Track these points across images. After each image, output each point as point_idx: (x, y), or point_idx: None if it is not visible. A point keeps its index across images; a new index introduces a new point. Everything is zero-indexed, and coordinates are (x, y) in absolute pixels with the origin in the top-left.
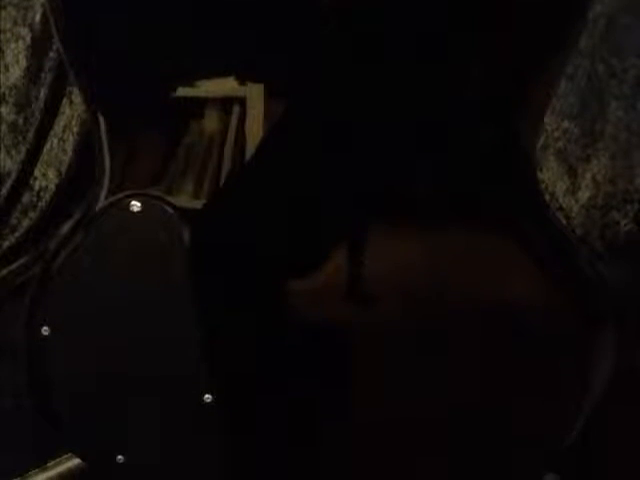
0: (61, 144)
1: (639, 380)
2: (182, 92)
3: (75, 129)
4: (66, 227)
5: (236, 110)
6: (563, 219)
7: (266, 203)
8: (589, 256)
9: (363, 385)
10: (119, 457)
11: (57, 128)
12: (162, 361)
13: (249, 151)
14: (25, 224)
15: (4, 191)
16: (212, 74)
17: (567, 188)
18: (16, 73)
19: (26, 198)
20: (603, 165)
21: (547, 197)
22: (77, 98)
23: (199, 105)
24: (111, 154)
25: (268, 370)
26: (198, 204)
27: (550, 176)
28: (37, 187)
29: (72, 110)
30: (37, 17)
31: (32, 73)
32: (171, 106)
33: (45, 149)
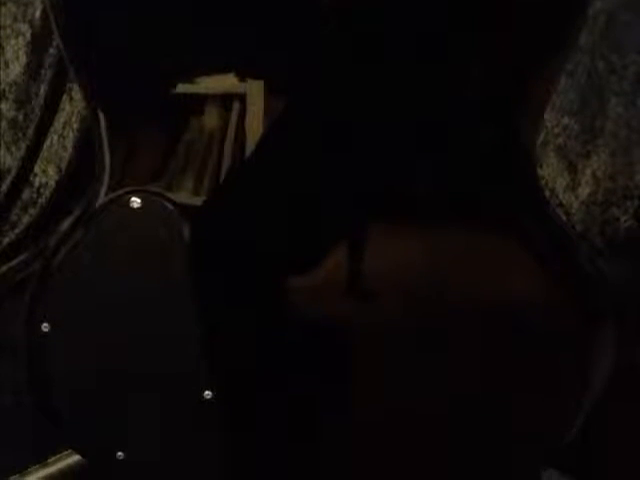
0: (61, 140)
1: (639, 377)
2: (182, 88)
3: (75, 125)
4: (66, 224)
5: (236, 107)
6: (563, 215)
7: (266, 200)
8: (589, 252)
9: (363, 382)
10: (119, 454)
11: (57, 125)
12: (162, 358)
13: (249, 148)
14: (25, 221)
15: (4, 187)
16: (212, 70)
17: (567, 184)
18: (16, 69)
19: (26, 195)
20: (603, 161)
21: (547, 193)
22: (77, 95)
23: (199, 101)
24: (111, 151)
25: (268, 367)
26: (198, 201)
27: (550, 172)
28: (37, 184)
29: (72, 107)
30: (37, 13)
31: (32, 69)
32: (171, 102)
33: (45, 145)
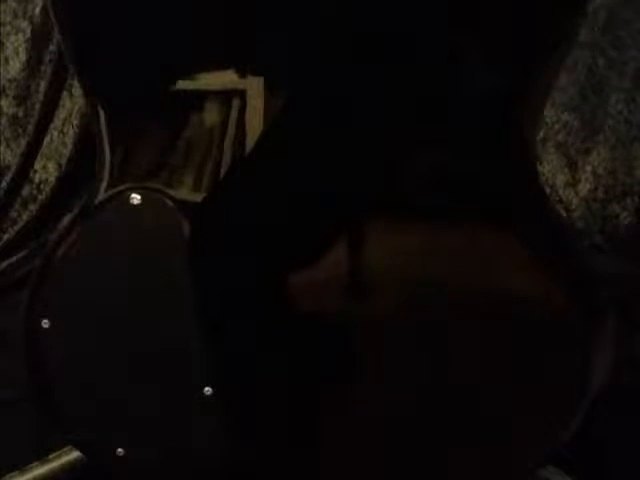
0: (61, 137)
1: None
2: (182, 85)
3: (75, 122)
4: (66, 220)
5: (236, 103)
6: (563, 212)
7: (266, 196)
8: (589, 248)
9: (362, 377)
10: (119, 450)
11: (57, 121)
12: (162, 354)
13: (249, 144)
14: (25, 217)
15: (4, 184)
16: (212, 67)
17: (567, 181)
18: (16, 66)
19: (26, 191)
20: (603, 158)
21: (547, 190)
22: (77, 91)
23: (199, 98)
24: (111, 147)
25: (268, 362)
26: (198, 197)
27: (550, 169)
28: (37, 180)
29: (72, 103)
30: (37, 10)
31: (32, 66)
32: (171, 99)
33: (45, 142)
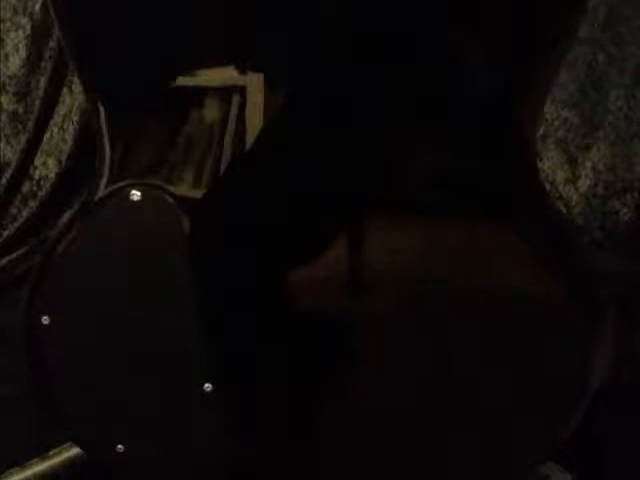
0: (61, 133)
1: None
2: (182, 81)
3: (75, 118)
4: (66, 216)
5: (236, 99)
6: (563, 208)
7: (266, 192)
8: (589, 245)
9: (362, 374)
10: (119, 446)
11: (57, 117)
12: (162, 350)
13: (249, 140)
14: (25, 213)
15: (4, 180)
16: (212, 63)
17: (567, 177)
18: (16, 62)
19: (26, 187)
20: (603, 154)
21: (547, 186)
22: (77, 87)
23: (199, 94)
24: (111, 143)
25: (268, 359)
26: (198, 193)
27: (550, 165)
28: (37, 176)
29: (72, 99)
30: (37, 6)
31: (32, 62)
32: (171, 95)
33: (45, 138)
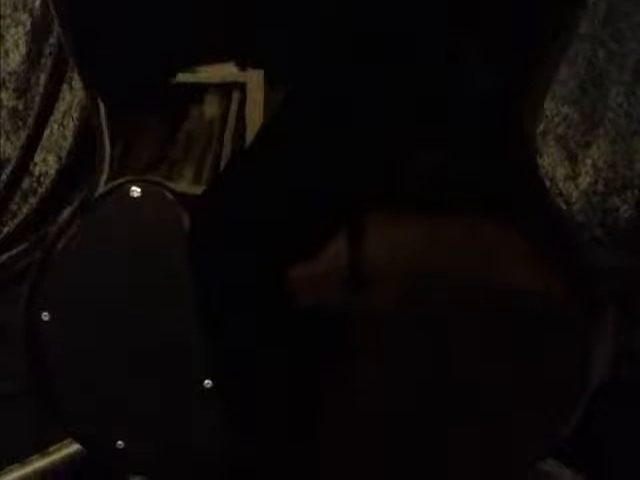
0: (61, 130)
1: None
2: (182, 78)
3: (75, 115)
4: (66, 213)
5: (236, 96)
6: (563, 205)
7: (266, 189)
8: (589, 242)
9: (362, 370)
10: (119, 443)
11: (57, 114)
12: (162, 346)
13: (249, 137)
14: (25, 210)
15: (4, 177)
16: (212, 60)
17: (567, 174)
18: (16, 59)
19: (26, 184)
20: (603, 151)
21: (547, 183)
22: (77, 84)
23: (199, 91)
24: (111, 140)
25: (268, 355)
26: (198, 190)
27: (550, 162)
28: (37, 173)
29: (72, 96)
30: (37, 3)
31: (32, 59)
32: (171, 92)
33: (45, 135)
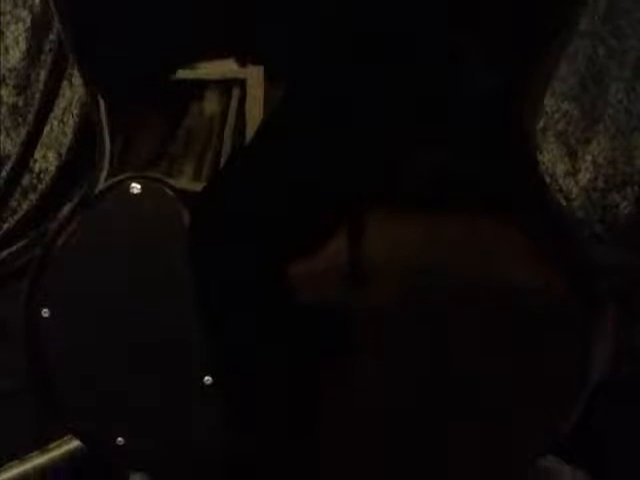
0: (61, 126)
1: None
2: (182, 74)
3: (75, 111)
4: (66, 209)
5: (236, 92)
6: (563, 201)
7: (266, 185)
8: (589, 238)
9: (362, 367)
10: (119, 439)
11: (57, 110)
12: (162, 343)
13: (249, 133)
14: (25, 206)
15: (4, 173)
16: (212, 56)
17: (567, 170)
18: (16, 55)
19: (26, 180)
20: (603, 147)
21: (547, 179)
22: (77, 80)
23: (199, 87)
24: (111, 136)
25: (268, 352)
26: (198, 186)
27: (550, 158)
28: (37, 169)
29: (72, 92)
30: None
31: (32, 55)
32: (171, 88)
33: (45, 131)
